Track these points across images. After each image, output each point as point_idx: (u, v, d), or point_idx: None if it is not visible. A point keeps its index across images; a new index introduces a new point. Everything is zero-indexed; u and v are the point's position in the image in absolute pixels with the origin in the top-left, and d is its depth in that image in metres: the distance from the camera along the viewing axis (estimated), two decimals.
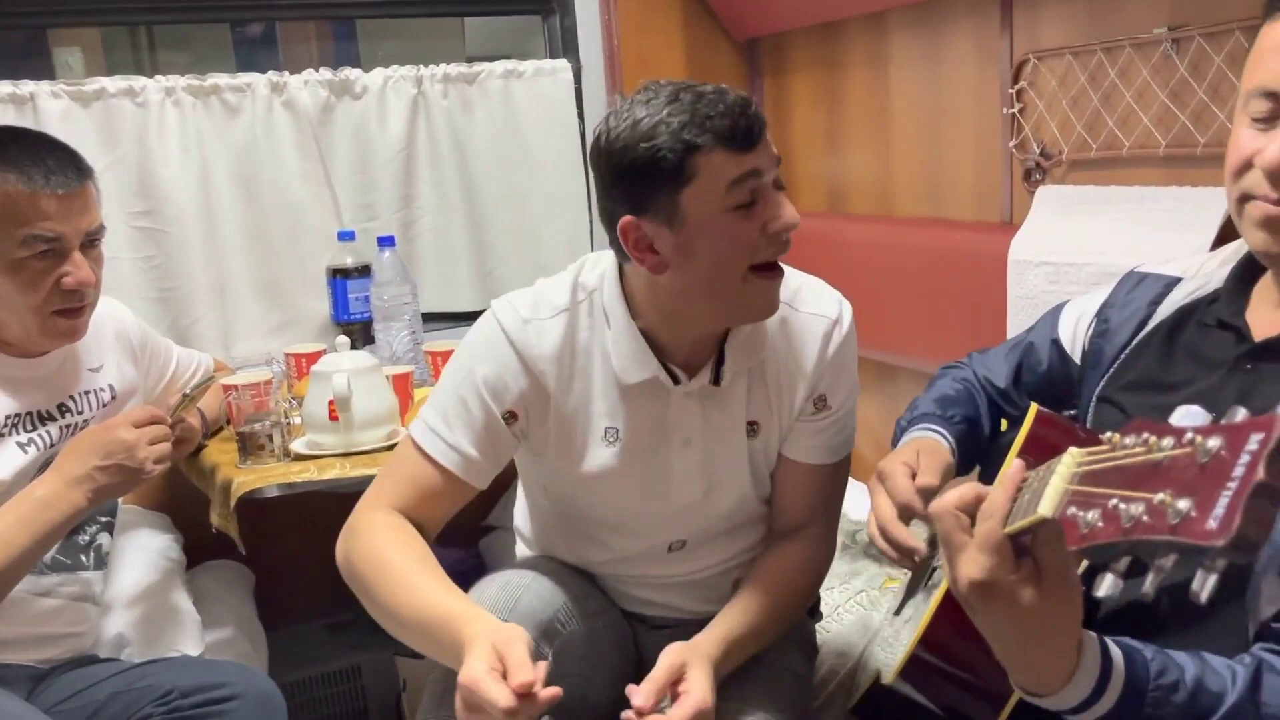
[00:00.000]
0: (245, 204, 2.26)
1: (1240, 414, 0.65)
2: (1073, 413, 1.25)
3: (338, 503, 1.92)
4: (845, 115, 2.29)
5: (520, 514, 1.55)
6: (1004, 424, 1.35)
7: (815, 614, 1.61)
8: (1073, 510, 0.71)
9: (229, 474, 1.71)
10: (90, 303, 1.51)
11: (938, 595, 1.03)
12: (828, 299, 1.34)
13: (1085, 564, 0.81)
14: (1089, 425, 1.17)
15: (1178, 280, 1.17)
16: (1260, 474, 0.59)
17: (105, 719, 1.44)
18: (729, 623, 1.29)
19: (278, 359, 2.19)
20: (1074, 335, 1.27)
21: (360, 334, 2.25)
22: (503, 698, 1.01)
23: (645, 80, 1.19)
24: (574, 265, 1.33)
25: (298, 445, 1.78)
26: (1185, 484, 0.63)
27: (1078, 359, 1.26)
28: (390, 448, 1.77)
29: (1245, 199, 0.97)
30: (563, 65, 2.49)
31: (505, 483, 2.57)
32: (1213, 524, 0.60)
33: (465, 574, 2.50)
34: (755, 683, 1.34)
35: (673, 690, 1.18)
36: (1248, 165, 0.96)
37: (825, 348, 1.31)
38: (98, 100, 2.11)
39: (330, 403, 1.72)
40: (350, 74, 2.30)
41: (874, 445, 2.38)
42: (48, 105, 2.07)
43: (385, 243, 2.19)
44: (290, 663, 2.17)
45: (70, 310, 1.47)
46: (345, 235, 2.27)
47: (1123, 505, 0.66)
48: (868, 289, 2.13)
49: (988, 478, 1.16)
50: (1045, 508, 0.74)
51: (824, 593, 1.96)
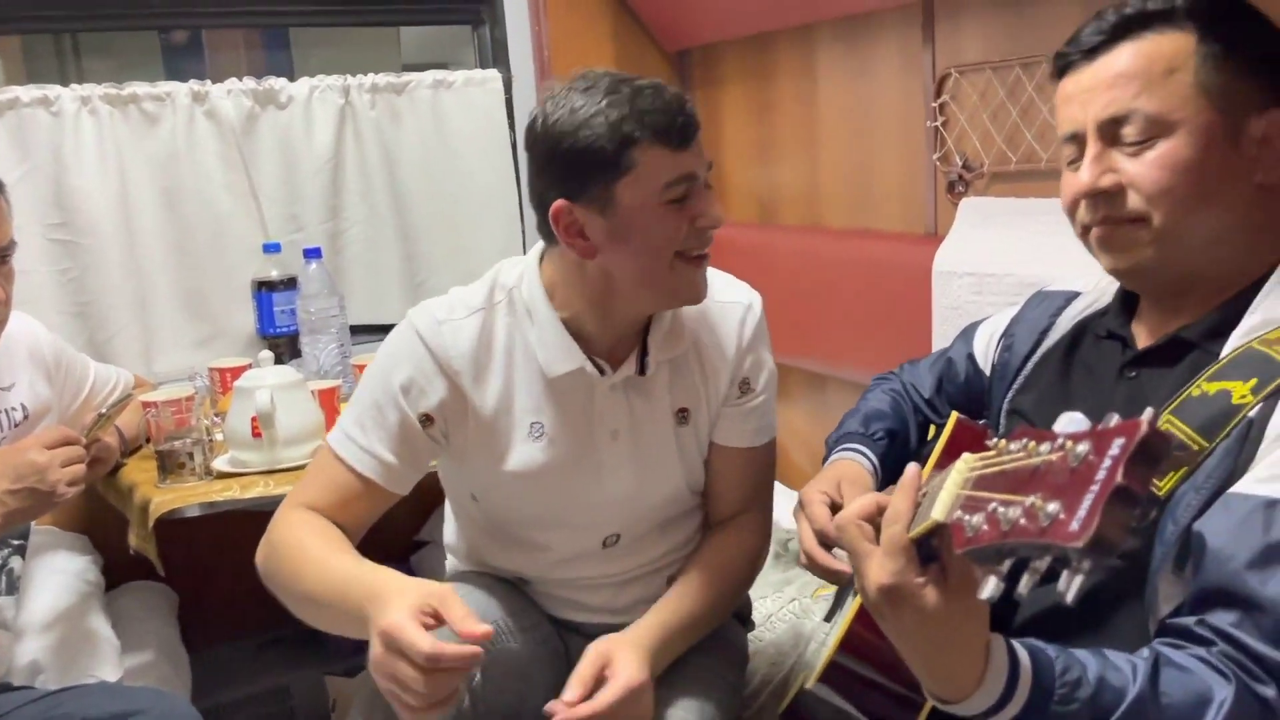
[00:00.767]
0: (167, 215, 2.21)
1: (1113, 420, 0.67)
2: (985, 422, 1.29)
3: (263, 521, 1.88)
4: (775, 126, 2.31)
5: (449, 529, 1.53)
6: (931, 430, 1.39)
7: (747, 623, 1.62)
8: (960, 514, 0.73)
9: (147, 493, 1.67)
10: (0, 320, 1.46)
11: (855, 602, 1.05)
12: (738, 287, 1.39)
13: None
14: (1000, 435, 1.21)
15: (1075, 295, 1.23)
16: (1119, 478, 0.62)
17: None
18: (665, 610, 1.30)
19: (201, 374, 2.15)
20: (986, 351, 1.33)
21: (286, 347, 2.22)
22: (425, 642, 0.99)
23: (580, 68, 1.22)
24: (491, 270, 1.34)
25: (220, 463, 1.75)
26: (1056, 487, 0.66)
27: (988, 371, 1.31)
28: None
29: (1086, 231, 1.05)
30: (493, 75, 2.47)
31: (437, 497, 2.55)
32: (1075, 526, 0.62)
33: None
34: (684, 689, 1.34)
35: (600, 679, 1.18)
36: (1076, 204, 1.04)
37: (742, 332, 1.36)
38: (10, 110, 2.05)
39: (253, 419, 1.69)
40: (275, 83, 2.26)
41: (805, 452, 2.41)
42: None
43: (312, 255, 2.16)
44: (216, 685, 2.12)
45: None
46: (271, 247, 2.23)
47: (1002, 509, 0.68)
48: (798, 299, 2.16)
49: None
50: (938, 512, 0.76)
51: (757, 601, 1.97)
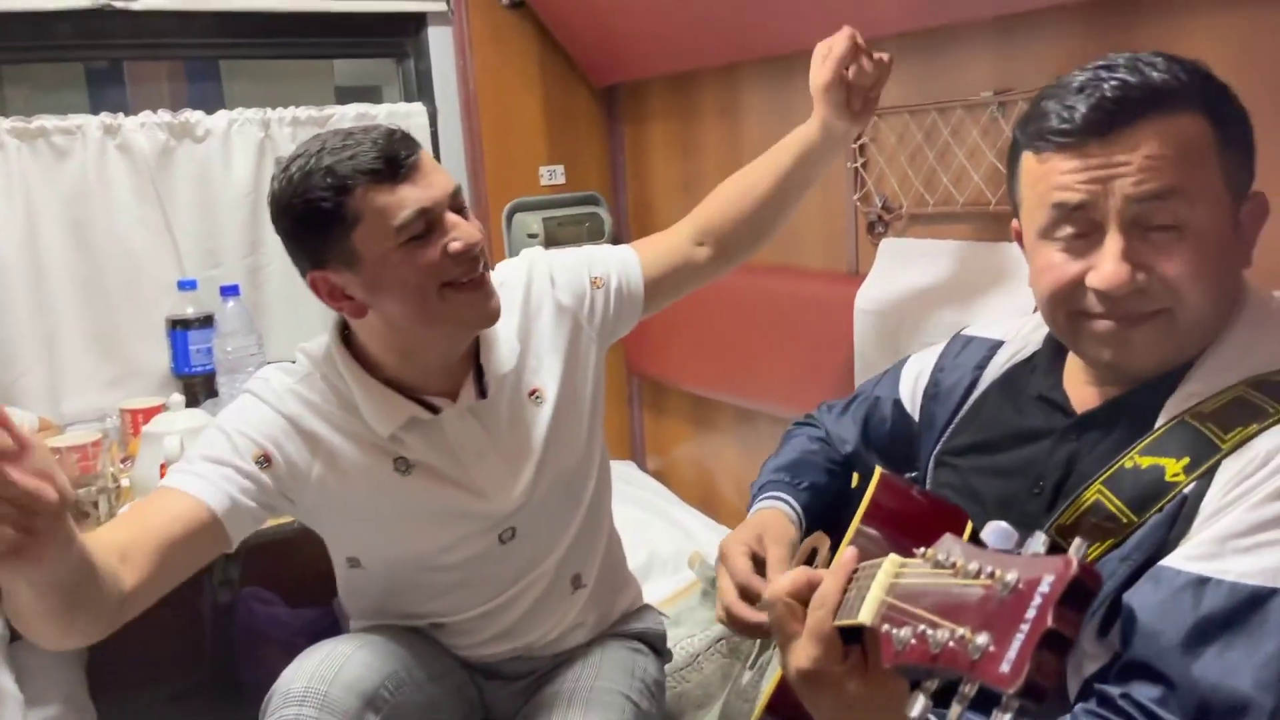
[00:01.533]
0: (77, 252, 2.14)
1: (1039, 541, 0.67)
2: (915, 474, 1.28)
3: None
4: (701, 163, 2.32)
5: (345, 594, 1.50)
6: (855, 478, 1.38)
7: (664, 654, 1.61)
8: (887, 626, 0.73)
9: None
10: None
11: (776, 675, 1.05)
12: (511, 263, 1.44)
13: None
14: (928, 486, 1.21)
15: (1000, 344, 1.22)
16: (1050, 622, 0.61)
17: None
18: None
19: (112, 415, 2.08)
20: (913, 395, 1.31)
21: (203, 387, 2.16)
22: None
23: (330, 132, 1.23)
24: (300, 349, 1.35)
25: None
26: (985, 617, 0.65)
27: (916, 418, 1.30)
28: None
29: (1081, 317, 0.98)
30: (418, 109, 2.45)
31: None
32: (1005, 668, 0.62)
33: (318, 634, 2.41)
34: (592, 711, 1.35)
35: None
36: (1073, 288, 0.97)
37: (541, 285, 1.40)
38: None
39: (162, 466, 1.63)
40: (192, 116, 2.21)
41: (735, 487, 2.41)
42: None
43: (229, 292, 2.11)
44: None
45: None
46: (186, 284, 2.17)
47: (930, 631, 0.68)
48: (725, 336, 2.16)
49: (837, 537, 1.18)
50: (865, 615, 0.76)
51: (684, 640, 1.95)
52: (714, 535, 2.30)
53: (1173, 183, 0.91)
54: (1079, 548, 0.65)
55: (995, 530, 0.74)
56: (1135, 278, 0.92)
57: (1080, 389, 1.06)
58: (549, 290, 1.41)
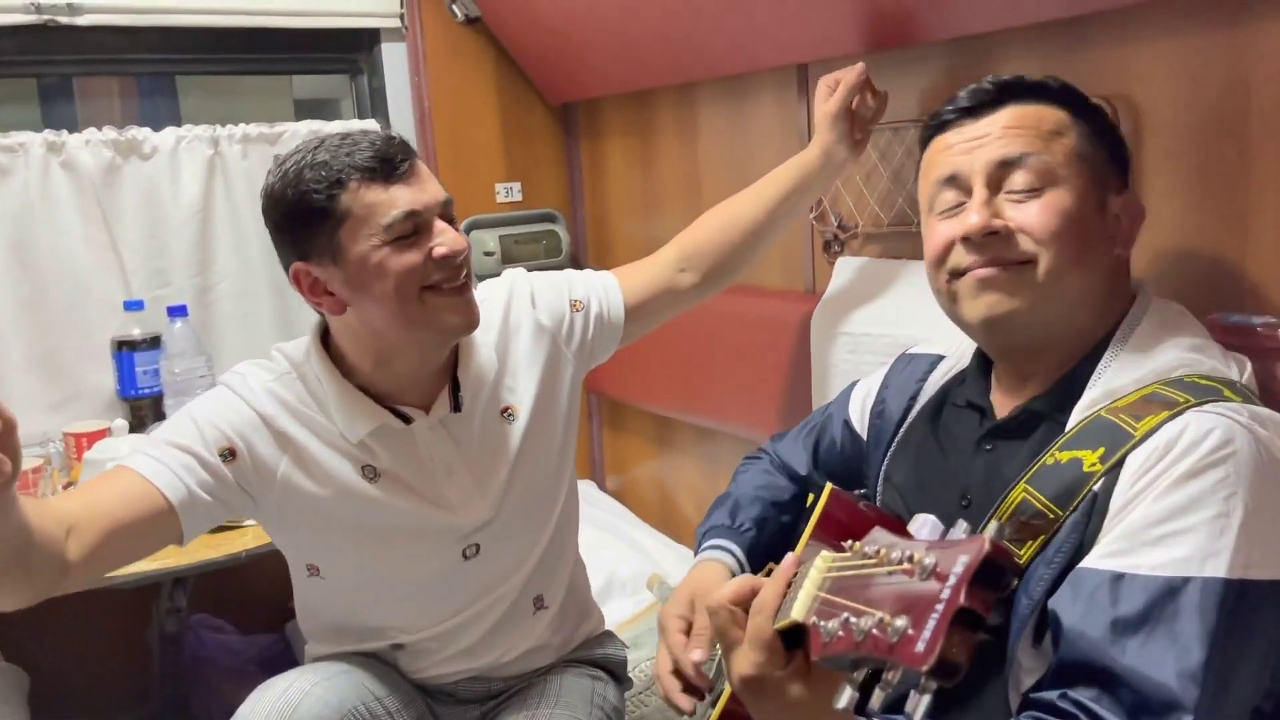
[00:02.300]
0: (18, 271, 2.09)
1: (960, 529, 0.69)
2: (865, 490, 1.28)
3: (116, 597, 1.78)
4: (658, 181, 2.31)
5: (302, 611, 1.47)
6: (810, 498, 1.38)
7: (624, 681, 1.60)
8: (816, 620, 0.74)
9: None
10: None
11: (727, 691, 1.04)
12: (493, 283, 1.45)
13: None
14: (878, 503, 1.21)
15: (940, 358, 1.25)
16: (962, 599, 0.62)
17: None
18: None
19: (55, 439, 2.03)
20: (862, 415, 1.33)
21: (150, 410, 2.11)
22: None
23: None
24: (276, 348, 1.35)
25: None
26: (904, 602, 0.66)
27: (865, 438, 1.31)
28: None
29: (957, 275, 1.05)
30: (372, 125, 2.41)
31: None
32: (920, 647, 0.62)
33: (270, 661, 2.38)
34: None
35: None
36: (949, 248, 1.05)
37: (521, 304, 1.41)
38: None
39: None
40: (139, 133, 2.17)
41: (695, 506, 2.39)
42: None
43: (176, 312, 2.06)
44: None
45: None
46: (132, 305, 2.13)
47: (854, 619, 0.69)
48: (684, 354, 2.15)
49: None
50: (797, 612, 0.77)
51: (644, 663, 1.94)
52: (673, 555, 2.28)
53: (1026, 149, 1.02)
54: (995, 530, 0.67)
55: (923, 522, 0.76)
56: (993, 222, 1.01)
57: (1002, 398, 1.10)
58: (529, 310, 1.42)
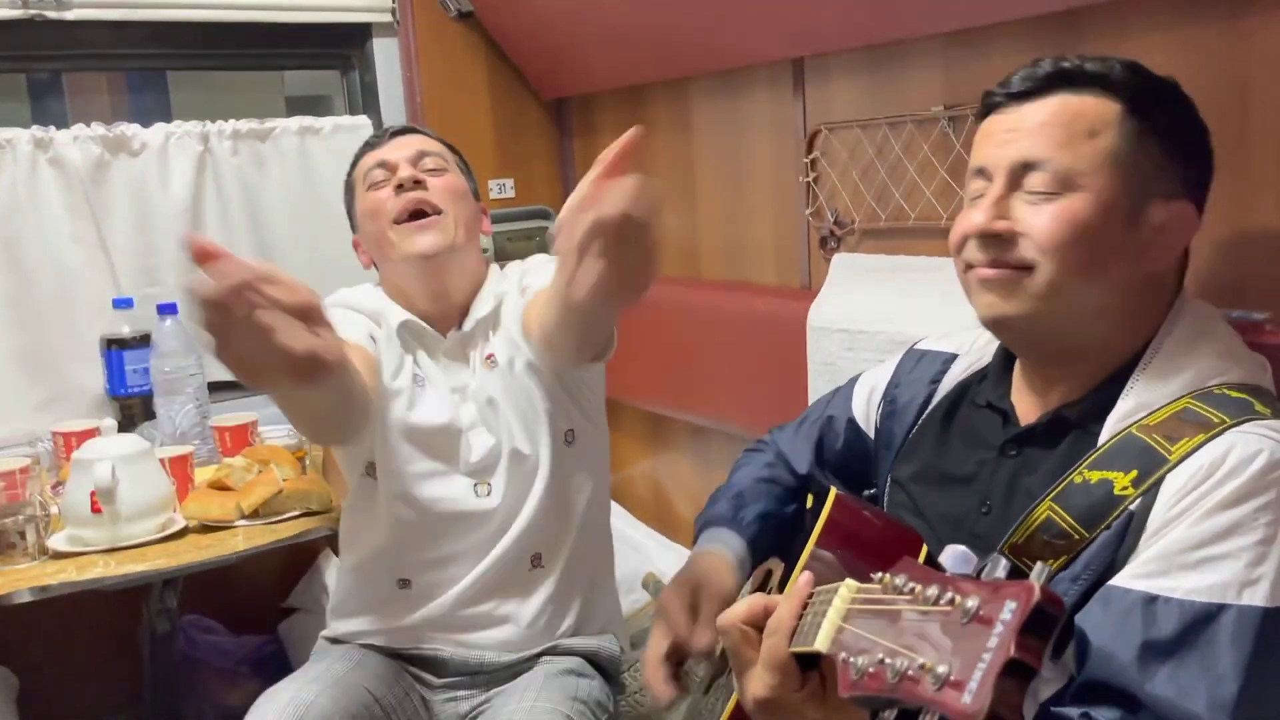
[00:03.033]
0: (5, 269, 2.07)
1: (1001, 566, 0.65)
2: (872, 491, 1.26)
3: (106, 599, 1.76)
4: (652, 177, 2.28)
5: (345, 538, 1.59)
6: (810, 500, 1.35)
7: (615, 679, 1.61)
8: (844, 654, 0.71)
9: None
10: None
11: (732, 701, 1.02)
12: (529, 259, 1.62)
13: None
14: (885, 506, 1.19)
15: (954, 357, 1.21)
16: (1012, 650, 0.59)
17: None
18: None
19: (44, 438, 2.01)
20: (867, 413, 1.29)
21: (140, 409, 2.09)
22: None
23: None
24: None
25: (57, 540, 1.62)
26: (945, 646, 0.63)
27: (872, 435, 1.28)
28: (164, 539, 1.63)
29: (968, 269, 1.02)
30: (363, 122, 2.40)
31: (308, 560, 2.44)
32: (967, 699, 0.60)
33: (261, 662, 2.36)
34: None
35: None
36: (964, 240, 1.02)
37: (530, 260, 1.60)
38: None
39: (93, 494, 1.57)
40: (127, 130, 2.15)
41: (690, 505, 2.38)
42: None
43: (166, 310, 2.03)
44: None
45: None
46: (122, 303, 2.10)
47: (888, 660, 0.66)
48: (678, 351, 2.14)
49: (792, 561, 1.15)
50: (821, 643, 0.74)
51: (639, 663, 1.92)
52: (669, 554, 2.26)
53: (1050, 152, 0.96)
54: (1040, 573, 0.63)
55: (954, 554, 0.73)
56: (995, 223, 0.97)
57: (1025, 400, 1.07)
58: (521, 278, 1.55)
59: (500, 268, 1.61)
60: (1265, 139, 1.18)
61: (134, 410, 2.09)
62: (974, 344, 1.20)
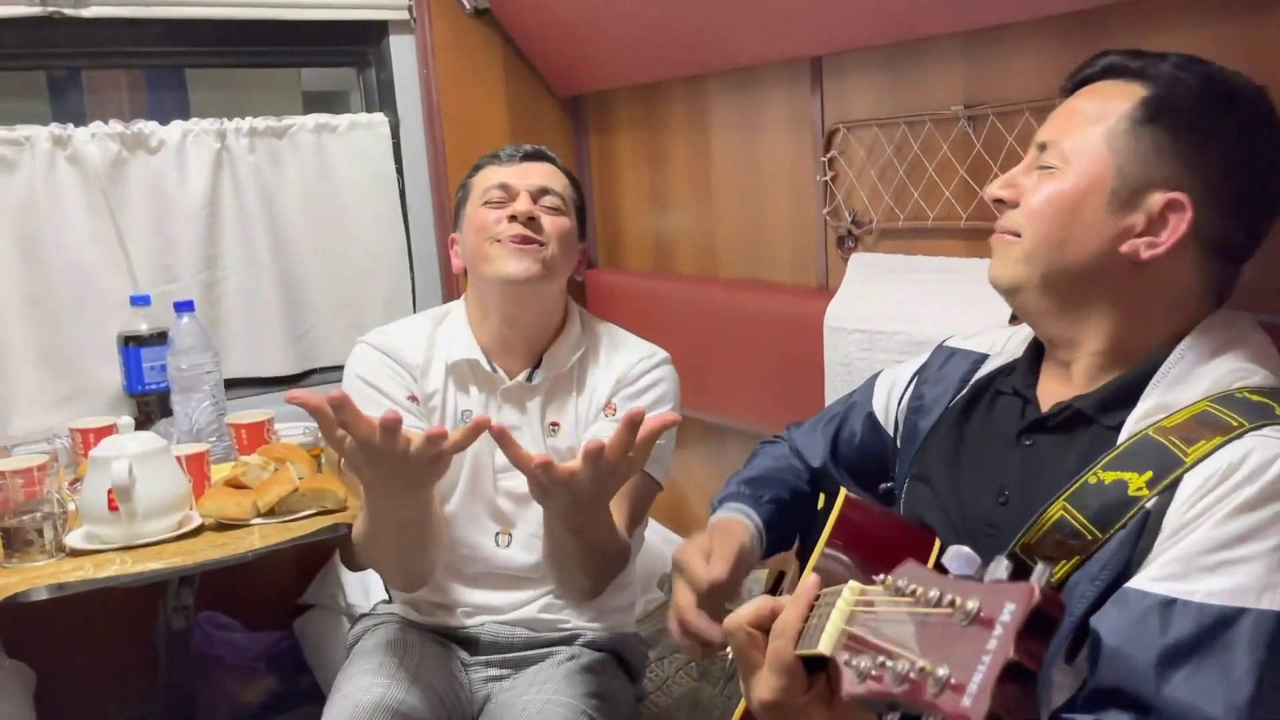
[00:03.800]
0: (24, 266, 2.08)
1: (1001, 566, 0.65)
2: (889, 485, 1.25)
3: (125, 596, 1.77)
4: (669, 175, 2.29)
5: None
6: (821, 498, 1.35)
7: (637, 680, 1.64)
8: (847, 656, 0.70)
9: None
10: None
11: (742, 706, 1.02)
12: (653, 348, 1.61)
13: None
14: (904, 501, 1.18)
15: (985, 357, 1.20)
16: (1011, 653, 0.59)
17: None
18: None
19: (62, 435, 2.02)
20: (886, 408, 1.29)
21: (157, 406, 2.10)
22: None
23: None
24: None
25: (75, 537, 1.63)
26: (945, 648, 0.63)
27: (892, 431, 1.27)
28: (180, 537, 1.63)
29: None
30: (380, 119, 2.40)
31: (323, 557, 2.44)
32: (967, 702, 0.59)
33: (277, 658, 2.37)
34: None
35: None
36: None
37: (636, 365, 1.56)
38: None
39: (110, 491, 1.57)
40: (145, 127, 2.15)
41: (704, 504, 2.36)
42: None
43: (183, 308, 2.04)
44: None
45: None
46: (139, 300, 2.11)
47: (890, 663, 0.66)
48: (693, 349, 2.12)
49: (805, 559, 1.15)
50: (825, 645, 0.74)
51: (655, 663, 1.92)
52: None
53: (1054, 136, 1.02)
54: (1041, 574, 0.63)
55: (957, 555, 0.73)
56: (996, 190, 1.06)
57: (1047, 391, 1.07)
58: (620, 379, 1.56)
59: (579, 313, 1.62)
60: None
61: (151, 407, 2.10)
62: (1006, 344, 1.20)
